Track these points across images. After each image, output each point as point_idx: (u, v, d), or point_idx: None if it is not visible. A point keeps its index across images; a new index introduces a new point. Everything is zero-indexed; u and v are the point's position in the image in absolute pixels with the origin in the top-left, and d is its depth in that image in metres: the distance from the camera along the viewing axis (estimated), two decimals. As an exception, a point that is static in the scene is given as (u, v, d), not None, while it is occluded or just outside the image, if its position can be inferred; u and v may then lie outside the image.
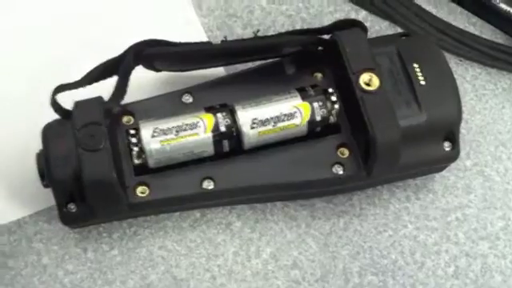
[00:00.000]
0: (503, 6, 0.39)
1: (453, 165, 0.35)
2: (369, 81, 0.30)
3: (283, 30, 0.39)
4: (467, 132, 0.38)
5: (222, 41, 0.34)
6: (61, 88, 0.31)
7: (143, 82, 0.35)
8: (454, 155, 0.33)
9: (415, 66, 0.31)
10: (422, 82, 0.31)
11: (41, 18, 0.39)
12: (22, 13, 0.39)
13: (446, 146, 0.32)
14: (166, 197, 0.32)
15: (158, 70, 0.34)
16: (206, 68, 0.35)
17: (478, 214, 0.36)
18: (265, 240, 0.34)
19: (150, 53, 0.33)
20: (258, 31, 0.37)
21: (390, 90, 0.31)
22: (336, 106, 0.32)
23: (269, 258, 0.34)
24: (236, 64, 0.35)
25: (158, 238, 0.34)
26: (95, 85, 0.32)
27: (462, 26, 0.40)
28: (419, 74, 0.31)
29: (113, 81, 0.32)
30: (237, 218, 0.35)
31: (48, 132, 0.31)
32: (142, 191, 0.32)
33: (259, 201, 0.35)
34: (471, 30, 0.41)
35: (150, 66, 0.34)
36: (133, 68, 0.32)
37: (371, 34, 0.40)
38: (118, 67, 0.32)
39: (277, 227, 0.35)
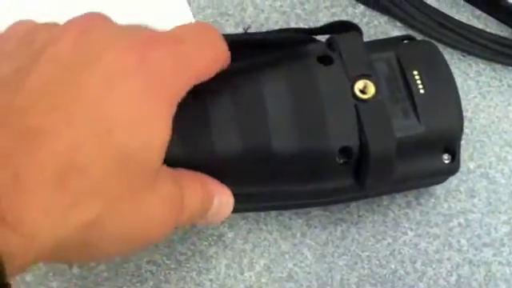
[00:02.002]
0: (510, 0, 0.37)
1: (455, 168, 0.34)
2: (364, 88, 0.28)
3: (277, 28, 0.38)
4: (471, 132, 0.36)
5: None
6: None
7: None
8: (453, 168, 0.31)
9: (415, 73, 0.29)
10: (422, 91, 0.29)
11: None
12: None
13: (445, 158, 0.30)
14: None
15: None
16: None
17: (481, 218, 0.35)
18: (258, 251, 0.33)
19: None
20: (248, 27, 0.35)
21: (387, 99, 0.29)
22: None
23: (262, 271, 0.33)
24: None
25: (146, 251, 0.33)
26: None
27: (465, 20, 0.38)
28: (419, 81, 0.29)
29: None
30: (229, 228, 0.33)
31: None
32: None
33: (252, 209, 0.33)
34: (475, 23, 0.39)
35: None
36: None
37: (369, 30, 0.38)
38: None
39: (271, 237, 0.33)
